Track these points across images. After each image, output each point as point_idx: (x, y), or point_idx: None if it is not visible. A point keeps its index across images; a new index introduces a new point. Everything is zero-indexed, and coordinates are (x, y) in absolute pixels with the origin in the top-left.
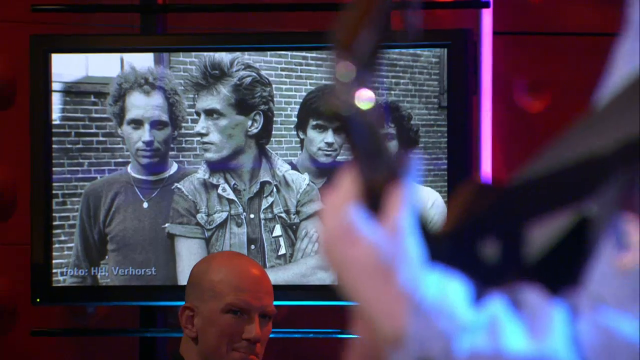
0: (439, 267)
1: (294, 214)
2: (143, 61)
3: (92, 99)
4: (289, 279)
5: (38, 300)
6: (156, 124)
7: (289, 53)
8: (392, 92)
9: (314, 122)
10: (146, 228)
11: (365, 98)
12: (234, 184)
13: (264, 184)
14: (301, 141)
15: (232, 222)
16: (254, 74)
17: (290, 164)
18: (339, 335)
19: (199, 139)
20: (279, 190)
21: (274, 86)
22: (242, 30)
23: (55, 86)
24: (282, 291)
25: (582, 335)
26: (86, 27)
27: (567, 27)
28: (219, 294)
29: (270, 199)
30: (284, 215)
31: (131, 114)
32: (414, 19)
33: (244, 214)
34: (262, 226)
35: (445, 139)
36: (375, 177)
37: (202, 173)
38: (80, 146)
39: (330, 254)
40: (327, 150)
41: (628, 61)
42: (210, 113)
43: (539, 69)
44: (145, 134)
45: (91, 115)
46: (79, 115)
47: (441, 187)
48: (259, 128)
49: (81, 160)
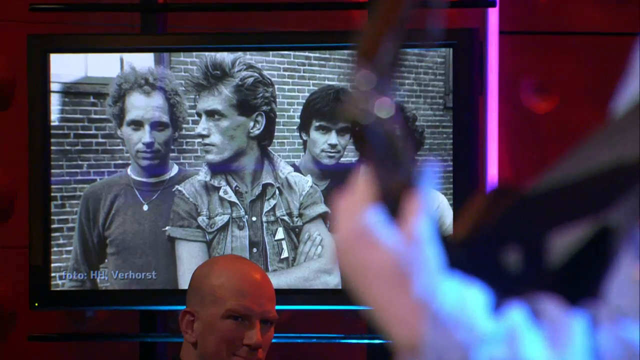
0: (457, 274)
1: (296, 217)
2: (143, 61)
3: (92, 99)
4: (291, 283)
5: (36, 304)
6: (156, 125)
7: (292, 53)
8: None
9: (317, 124)
10: (146, 231)
11: (385, 107)
12: (236, 186)
13: (266, 186)
14: (304, 143)
15: (233, 225)
16: (256, 74)
17: (293, 165)
18: (342, 341)
19: (200, 140)
20: (281, 193)
21: (276, 87)
22: (244, 30)
23: (54, 87)
24: (284, 295)
25: (601, 347)
26: (85, 27)
27: (574, 27)
28: (220, 299)
29: (273, 202)
30: (286, 218)
31: (131, 115)
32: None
33: (246, 216)
34: (265, 229)
35: (451, 141)
36: (392, 183)
37: (203, 175)
38: (79, 148)
39: (345, 258)
40: (331, 152)
41: None
42: (211, 114)
43: (546, 69)
44: (145, 135)
45: (90, 116)
46: (78, 116)
47: (446, 189)
48: (261, 129)
49: (80, 162)
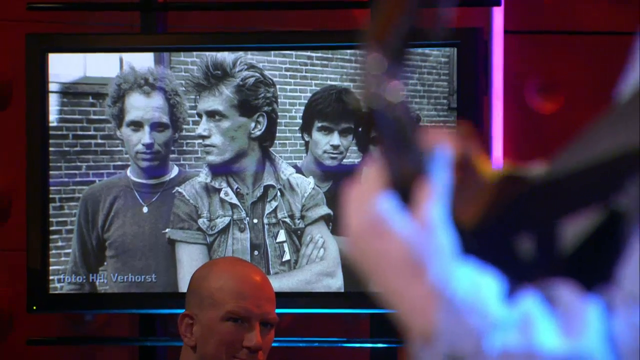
0: (470, 261)
1: (298, 219)
2: (143, 61)
3: (91, 100)
4: (293, 286)
5: (34, 307)
6: (156, 126)
7: (294, 52)
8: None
9: (319, 124)
10: (146, 233)
11: (396, 91)
12: (237, 187)
13: (267, 187)
14: (306, 144)
15: (234, 227)
16: (257, 74)
17: (295, 167)
18: (344, 344)
19: (200, 141)
20: (283, 194)
21: (278, 87)
22: (245, 29)
23: (52, 87)
24: (286, 298)
25: (616, 333)
26: (84, 26)
27: (580, 26)
28: (219, 301)
29: (274, 204)
30: (288, 220)
31: (130, 115)
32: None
33: (247, 218)
34: (266, 231)
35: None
36: (404, 170)
37: (203, 176)
38: (78, 149)
39: (358, 247)
40: (333, 153)
41: None
42: (212, 114)
43: (552, 69)
44: (145, 136)
45: (89, 117)
46: (76, 116)
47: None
48: (262, 130)
49: (79, 164)
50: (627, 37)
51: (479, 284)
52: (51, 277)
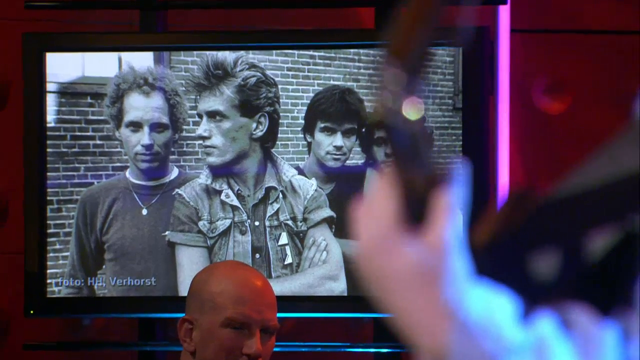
0: (484, 281)
1: (300, 221)
2: (142, 60)
3: (89, 100)
4: (295, 289)
5: (32, 311)
6: (156, 127)
7: (296, 52)
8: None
9: (321, 125)
10: (145, 236)
11: (415, 107)
12: (238, 189)
13: (269, 189)
14: (308, 144)
15: (235, 230)
16: (258, 74)
17: (297, 168)
18: (348, 349)
19: (201, 142)
20: (285, 196)
21: (279, 87)
22: (247, 28)
23: (50, 87)
24: (288, 302)
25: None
26: (82, 25)
27: (588, 25)
28: (219, 306)
29: (276, 206)
30: (290, 222)
31: (130, 116)
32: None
33: (249, 221)
34: (268, 234)
35: (460, 142)
36: (417, 187)
37: (204, 178)
38: (76, 150)
39: (368, 264)
40: (336, 154)
41: None
42: (212, 115)
43: (559, 68)
44: (144, 137)
45: (87, 118)
46: (74, 117)
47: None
48: (264, 131)
49: (77, 165)
50: (636, 36)
51: (492, 306)
52: (49, 281)
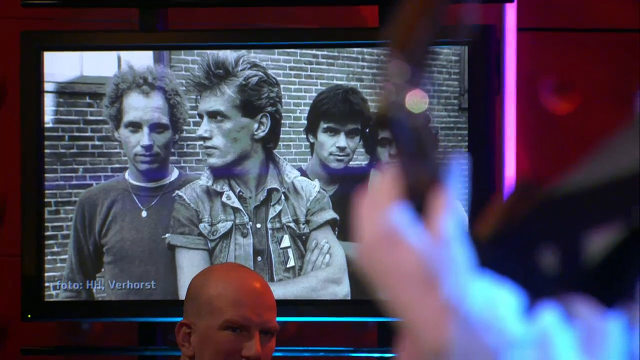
0: (487, 275)
1: (303, 224)
2: (142, 60)
3: (87, 100)
4: (298, 293)
5: (29, 316)
6: (156, 127)
7: (298, 51)
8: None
9: (324, 125)
10: (145, 239)
11: (418, 100)
12: (239, 191)
13: (271, 191)
14: (311, 145)
15: (237, 232)
16: (260, 73)
17: (300, 169)
18: (351, 354)
19: (201, 143)
20: (287, 198)
21: (282, 86)
22: (248, 27)
23: (48, 86)
24: (291, 306)
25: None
26: (81, 23)
27: (596, 23)
28: (217, 309)
29: (278, 208)
30: (292, 224)
31: (129, 116)
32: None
33: (250, 223)
34: (270, 236)
35: (466, 143)
36: (419, 180)
37: (205, 179)
38: (74, 151)
39: (370, 258)
40: (339, 155)
41: None
42: (213, 115)
43: (567, 68)
44: (144, 137)
45: (86, 118)
46: (73, 117)
47: (461, 194)
48: (265, 131)
49: (75, 166)
50: None
51: (495, 299)
52: (46, 284)
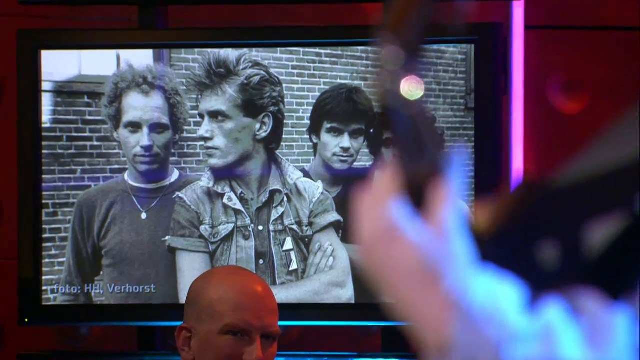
0: (488, 269)
1: (306, 226)
2: (141, 58)
3: (86, 99)
4: (301, 296)
5: (26, 320)
6: (156, 127)
7: (301, 49)
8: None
9: (328, 125)
10: (145, 241)
11: (413, 87)
12: (241, 192)
13: (273, 192)
14: (314, 146)
15: (238, 235)
16: (262, 72)
17: (303, 170)
18: (355, 359)
19: (202, 143)
20: (290, 200)
21: (284, 86)
22: (250, 25)
23: (45, 86)
24: (293, 310)
25: None
26: (79, 21)
27: (605, 21)
28: (217, 313)
29: (281, 209)
30: (295, 227)
31: (128, 116)
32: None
33: (252, 225)
34: (272, 239)
35: (473, 144)
36: (418, 173)
37: (205, 181)
38: (72, 151)
39: (371, 254)
40: (343, 156)
41: None
42: (214, 115)
43: (575, 66)
44: (143, 138)
45: (84, 118)
46: (71, 117)
47: (467, 195)
48: (268, 131)
49: (73, 167)
50: None
51: (497, 293)
52: (44, 288)
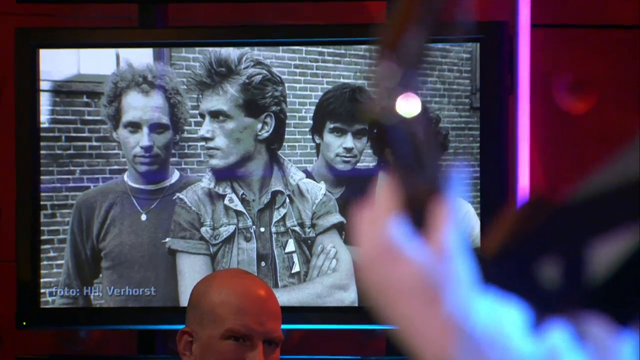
0: (491, 291)
1: (309, 228)
2: (141, 57)
3: (85, 99)
4: (303, 299)
5: (24, 323)
6: (155, 127)
7: (304, 48)
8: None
9: (331, 125)
10: (144, 243)
11: (410, 104)
12: (243, 193)
13: (275, 193)
14: (317, 146)
15: (240, 237)
16: (264, 71)
17: (305, 171)
18: None
19: (203, 143)
20: (292, 201)
21: (286, 85)
22: (252, 23)
23: (44, 85)
24: (296, 313)
25: None
26: (78, 20)
27: (613, 19)
28: (219, 317)
29: (283, 211)
30: (297, 228)
31: (128, 116)
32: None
33: (254, 227)
34: (274, 241)
35: (478, 144)
36: (418, 191)
37: (206, 182)
38: (71, 152)
39: (370, 274)
40: (346, 157)
41: None
42: (215, 115)
43: (582, 66)
44: (143, 138)
45: (83, 118)
46: (69, 117)
47: (473, 197)
48: (270, 132)
49: (72, 168)
50: None
51: (500, 316)
52: (42, 291)
